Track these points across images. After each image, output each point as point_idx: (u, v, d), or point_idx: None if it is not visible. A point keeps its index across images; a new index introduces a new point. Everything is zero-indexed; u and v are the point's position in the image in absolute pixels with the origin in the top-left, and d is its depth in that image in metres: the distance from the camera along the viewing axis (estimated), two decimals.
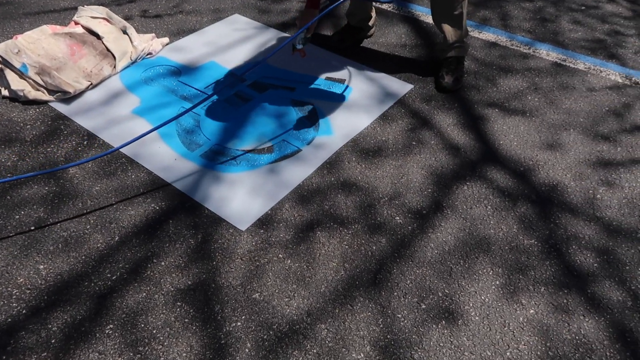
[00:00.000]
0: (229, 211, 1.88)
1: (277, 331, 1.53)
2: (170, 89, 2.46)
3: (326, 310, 1.59)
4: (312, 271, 1.70)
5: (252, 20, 3.05)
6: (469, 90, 2.56)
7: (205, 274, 1.68)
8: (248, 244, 1.78)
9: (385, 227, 1.86)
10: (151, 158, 2.08)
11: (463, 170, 2.11)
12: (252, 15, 3.10)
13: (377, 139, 2.24)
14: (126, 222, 1.83)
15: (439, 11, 2.43)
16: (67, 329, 1.52)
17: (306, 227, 1.84)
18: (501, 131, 2.32)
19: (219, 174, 2.03)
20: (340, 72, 2.63)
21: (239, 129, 2.25)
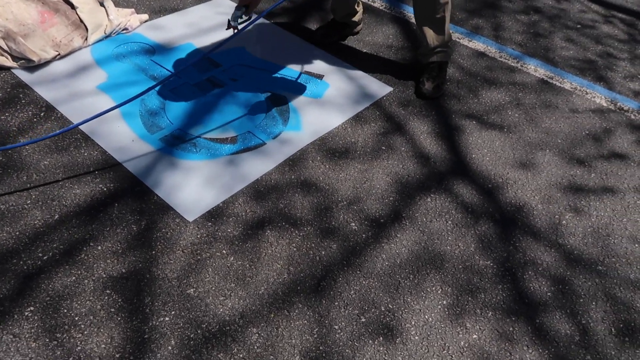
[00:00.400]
0: (178, 200, 1.81)
1: (205, 331, 1.46)
2: (141, 67, 2.38)
3: (261, 313, 1.52)
4: (254, 271, 1.63)
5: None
6: (449, 99, 2.48)
7: (141, 263, 1.60)
8: (192, 235, 1.70)
9: (338, 232, 1.79)
10: (108, 137, 2.01)
11: (429, 181, 2.04)
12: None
13: (346, 139, 2.17)
14: (69, 201, 1.75)
15: (421, 14, 2.35)
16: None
17: (256, 225, 1.77)
18: (475, 144, 2.24)
19: (175, 160, 1.95)
20: (320, 67, 2.55)
21: (205, 116, 2.17)
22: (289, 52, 2.62)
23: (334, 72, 2.53)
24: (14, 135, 1.95)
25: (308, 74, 2.49)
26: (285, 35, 2.75)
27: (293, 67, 2.52)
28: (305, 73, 2.49)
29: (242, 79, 2.39)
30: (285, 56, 2.59)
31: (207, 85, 2.34)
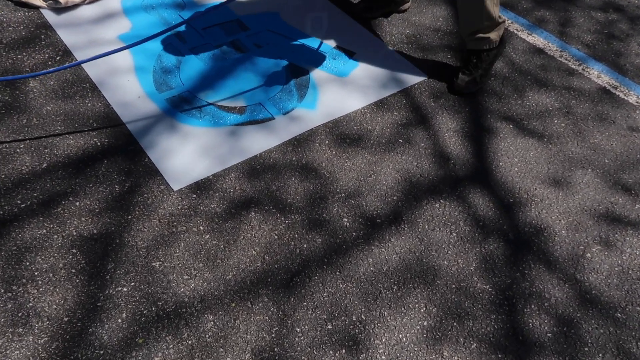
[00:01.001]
0: (168, 166, 1.73)
1: (160, 309, 1.39)
2: (167, 21, 2.29)
3: (222, 300, 1.43)
4: (227, 253, 1.54)
5: None
6: (489, 96, 2.24)
7: (114, 227, 1.55)
8: (173, 205, 1.63)
9: (327, 226, 1.66)
10: (115, 89, 1.95)
11: (443, 184, 1.85)
12: None
13: (362, 126, 2.00)
14: (60, 151, 1.72)
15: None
16: None
17: (242, 204, 1.67)
18: (506, 151, 2.01)
19: (176, 124, 1.87)
20: (353, 44, 2.36)
21: (218, 81, 2.06)
22: (324, 23, 2.45)
23: (367, 50, 2.34)
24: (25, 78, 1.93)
25: (339, 49, 2.31)
26: (324, 4, 2.57)
27: (324, 39, 2.35)
28: (336, 48, 2.32)
29: (267, 46, 2.26)
30: (319, 27, 2.42)
31: (230, 48, 2.22)
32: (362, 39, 2.40)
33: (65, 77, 1.96)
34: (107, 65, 2.03)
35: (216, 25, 2.32)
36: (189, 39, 2.22)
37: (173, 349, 1.32)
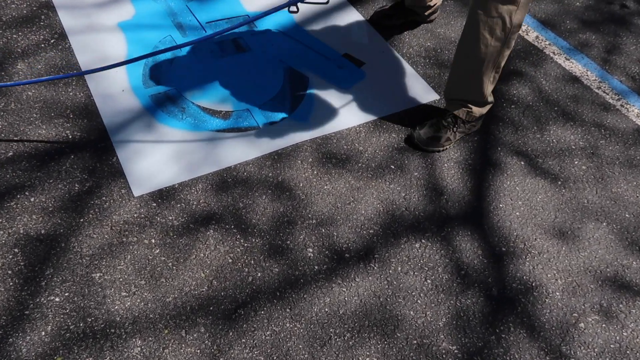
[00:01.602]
0: (134, 169, 1.64)
1: (88, 326, 1.31)
2: (172, 11, 2.20)
3: (156, 325, 1.33)
4: (173, 273, 1.44)
5: None
6: (504, 125, 2.02)
7: (63, 229, 1.48)
8: (129, 213, 1.54)
9: (288, 254, 1.52)
10: (101, 80, 1.88)
11: (429, 222, 1.67)
12: None
13: (354, 146, 1.84)
14: (30, 142, 1.66)
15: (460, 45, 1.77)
16: None
17: (202, 220, 1.56)
18: (511, 191, 1.80)
19: (154, 123, 1.78)
20: (364, 53, 2.19)
21: (210, 81, 1.95)
22: (338, 26, 2.28)
23: (378, 61, 2.16)
24: (14, 58, 1.89)
25: (348, 57, 2.15)
26: (342, 7, 2.40)
27: (333, 45, 2.19)
28: (344, 56, 2.16)
29: (270, 47, 2.12)
30: (330, 30, 2.26)
31: (230, 46, 2.11)
32: (375, 48, 2.23)
33: (55, 62, 1.90)
34: (99, 53, 1.96)
35: (222, 20, 2.20)
36: (190, 32, 2.12)
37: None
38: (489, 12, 1.59)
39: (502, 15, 1.58)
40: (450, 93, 1.85)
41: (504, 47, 1.67)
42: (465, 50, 1.73)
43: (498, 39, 1.64)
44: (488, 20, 1.61)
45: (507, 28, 1.61)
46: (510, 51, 1.71)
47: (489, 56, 1.68)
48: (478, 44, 1.66)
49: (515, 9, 1.58)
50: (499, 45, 1.66)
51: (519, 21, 1.62)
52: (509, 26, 1.61)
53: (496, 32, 1.62)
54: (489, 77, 1.75)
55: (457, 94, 1.82)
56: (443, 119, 1.86)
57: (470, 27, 1.68)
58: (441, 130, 1.84)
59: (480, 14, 1.61)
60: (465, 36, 1.71)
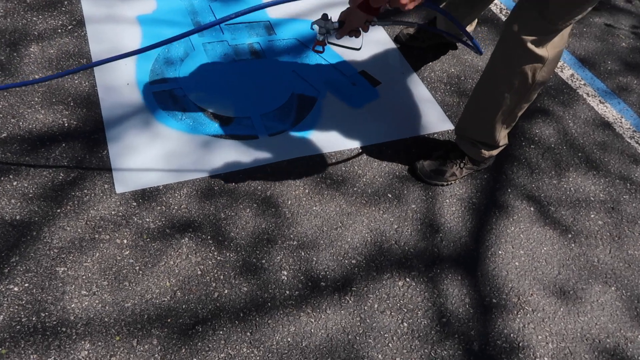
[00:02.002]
0: (122, 165, 1.61)
1: (40, 321, 1.27)
2: (193, 9, 2.17)
3: (108, 330, 1.29)
4: (138, 277, 1.39)
5: None
6: (519, 166, 1.89)
7: (39, 217, 1.45)
8: (107, 209, 1.50)
9: (261, 274, 1.45)
10: (108, 71, 1.86)
11: (418, 260, 1.56)
12: None
13: (352, 168, 1.76)
14: (25, 124, 1.66)
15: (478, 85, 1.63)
16: None
17: (180, 226, 1.51)
18: (514, 238, 1.67)
19: (152, 121, 1.75)
20: (382, 72, 2.10)
21: (218, 83, 1.91)
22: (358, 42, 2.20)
23: (395, 82, 2.07)
24: (29, 40, 1.90)
25: (363, 75, 2.07)
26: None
27: (352, 61, 2.12)
28: (360, 73, 2.07)
29: (285, 56, 2.07)
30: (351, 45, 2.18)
31: (246, 50, 2.06)
32: (394, 68, 2.14)
33: (67, 49, 1.91)
34: (111, 45, 1.95)
35: (242, 23, 2.17)
36: (207, 33, 2.09)
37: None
38: (511, 66, 1.45)
39: (524, 72, 1.44)
40: (461, 130, 1.73)
41: (523, 101, 1.53)
42: (481, 94, 1.61)
43: (517, 93, 1.50)
44: (508, 74, 1.47)
45: (529, 84, 1.47)
46: (529, 104, 1.58)
47: (505, 107, 1.54)
48: (494, 93, 1.53)
49: (540, 67, 1.43)
50: (516, 99, 1.52)
51: (543, 79, 1.47)
52: (531, 82, 1.46)
53: (515, 86, 1.48)
54: (503, 125, 1.61)
55: (468, 133, 1.70)
56: (451, 153, 1.75)
57: (488, 74, 1.55)
58: (447, 164, 1.73)
59: (501, 66, 1.48)
60: (483, 81, 1.58)
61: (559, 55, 1.45)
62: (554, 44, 1.40)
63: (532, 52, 1.40)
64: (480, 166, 1.78)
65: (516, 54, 1.43)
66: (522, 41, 1.39)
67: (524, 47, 1.40)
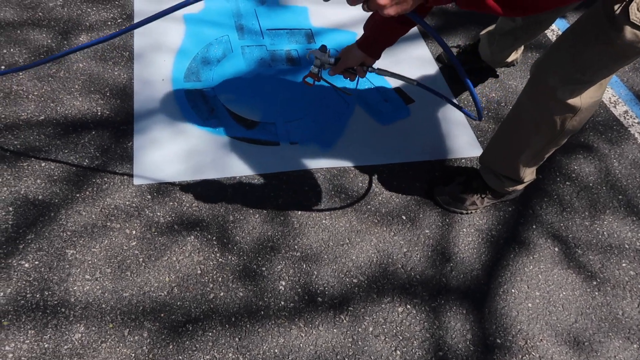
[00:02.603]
0: (143, 158, 1.66)
1: (43, 299, 1.33)
2: (239, 12, 2.22)
3: (103, 317, 1.33)
4: (140, 269, 1.43)
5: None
6: (550, 202, 1.78)
7: (58, 199, 1.53)
8: (123, 199, 1.55)
9: (259, 282, 1.45)
10: (146, 66, 1.93)
11: (423, 287, 1.51)
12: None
13: (369, 186, 1.72)
14: (62, 110, 1.74)
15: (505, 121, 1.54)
16: None
17: (188, 224, 1.54)
18: (530, 278, 1.58)
19: (179, 118, 1.79)
20: (418, 90, 2.05)
21: (249, 87, 1.93)
22: (400, 58, 2.17)
23: (429, 102, 2.02)
24: (80, 30, 2.01)
25: (397, 92, 2.03)
26: (412, 38, 2.28)
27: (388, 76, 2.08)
28: (394, 89, 2.04)
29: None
30: (391, 60, 2.15)
31: (282, 56, 2.08)
32: (431, 87, 2.08)
33: (114, 41, 1.99)
34: (154, 40, 2.02)
35: (283, 30, 2.19)
36: (247, 36, 2.12)
37: (27, 346, 1.26)
38: (538, 111, 1.35)
39: (553, 119, 1.33)
40: (485, 161, 1.65)
41: (551, 145, 1.43)
42: (507, 131, 1.51)
43: (544, 137, 1.40)
44: (537, 117, 1.36)
45: (557, 131, 1.36)
46: (558, 148, 1.47)
47: (531, 147, 1.45)
48: (520, 133, 1.44)
49: (571, 116, 1.31)
50: (544, 142, 1.42)
51: (574, 128, 1.35)
52: (559, 130, 1.35)
53: (542, 130, 1.38)
54: (528, 164, 1.52)
55: (492, 165, 1.62)
56: (473, 181, 1.68)
57: (515, 113, 1.45)
58: (467, 193, 1.66)
59: (528, 109, 1.38)
60: (510, 118, 1.49)
61: (595, 105, 1.32)
62: (590, 93, 1.27)
63: (562, 102, 1.28)
64: (504, 198, 1.70)
65: (544, 101, 1.31)
66: (552, 89, 1.27)
67: (553, 96, 1.28)
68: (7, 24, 1.96)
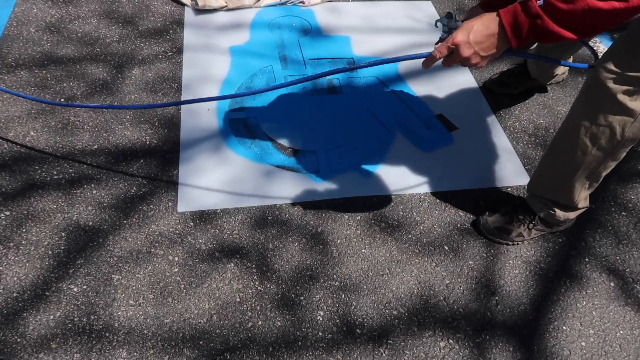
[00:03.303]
0: (188, 185, 1.71)
1: (89, 323, 1.38)
2: (283, 43, 2.27)
3: (145, 343, 1.35)
4: (181, 295, 1.45)
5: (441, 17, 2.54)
6: (603, 232, 1.69)
7: (107, 226, 1.59)
8: (167, 226, 1.60)
9: (297, 311, 1.44)
10: (193, 96, 2.00)
11: (466, 321, 1.45)
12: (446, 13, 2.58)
13: (411, 214, 1.70)
14: (114, 139, 1.83)
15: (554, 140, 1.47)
16: None
17: (228, 251, 1.56)
18: (584, 314, 1.49)
19: (223, 146, 1.84)
20: (461, 116, 2.02)
21: (291, 115, 1.97)
22: (442, 85, 2.15)
23: (474, 129, 1.98)
24: (133, 63, 2.11)
25: (440, 118, 2.00)
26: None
27: (432, 103, 2.06)
28: (437, 116, 2.01)
29: (363, 95, 2.07)
30: (433, 87, 2.13)
31: (324, 85, 2.10)
32: (475, 114, 2.04)
33: (163, 73, 2.09)
34: (202, 71, 2.10)
35: (325, 59, 2.22)
36: (290, 66, 2.17)
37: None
38: (595, 118, 1.28)
39: (611, 126, 1.26)
40: (534, 188, 1.58)
41: (609, 158, 1.35)
42: (559, 148, 1.44)
43: (602, 149, 1.32)
44: (592, 128, 1.29)
45: (617, 140, 1.28)
46: (617, 163, 1.40)
47: (587, 165, 1.37)
48: (575, 149, 1.36)
49: (631, 121, 1.24)
50: (601, 156, 1.34)
51: (634, 135, 1.27)
52: (619, 139, 1.28)
53: (601, 141, 1.30)
54: (584, 185, 1.44)
55: (541, 192, 1.56)
56: (520, 210, 1.62)
57: (568, 126, 1.38)
58: (514, 224, 1.60)
59: (583, 118, 1.31)
60: (562, 133, 1.42)
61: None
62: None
63: (622, 105, 1.22)
64: (553, 229, 1.62)
65: (603, 105, 1.25)
66: (611, 91, 1.22)
67: (612, 98, 1.22)
68: (67, 60, 2.09)
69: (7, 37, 2.15)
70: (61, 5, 2.34)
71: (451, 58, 1.14)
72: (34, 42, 2.15)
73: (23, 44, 2.13)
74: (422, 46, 2.31)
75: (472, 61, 1.12)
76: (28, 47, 2.13)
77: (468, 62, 1.12)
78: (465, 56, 1.10)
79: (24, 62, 2.06)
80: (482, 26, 1.08)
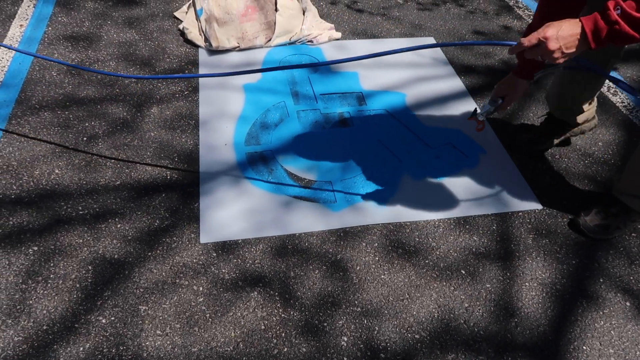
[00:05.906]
0: (209, 217, 1.76)
1: (118, 354, 1.40)
2: (293, 80, 2.37)
3: None
4: (207, 324, 1.48)
5: (443, 55, 2.65)
6: (617, 254, 1.73)
7: (132, 258, 1.63)
8: (190, 257, 1.64)
9: (321, 337, 1.47)
10: (211, 132, 2.08)
11: (487, 344, 1.48)
12: (449, 51, 2.69)
13: (426, 240, 1.74)
14: (136, 175, 1.89)
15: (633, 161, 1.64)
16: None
17: (251, 280, 1.59)
18: (602, 334, 1.51)
19: (241, 179, 1.90)
20: (474, 147, 2.09)
21: (305, 148, 2.04)
22: (446, 112, 2.23)
23: (483, 156, 2.05)
24: (151, 102, 2.20)
25: (456, 148, 2.07)
26: (460, 96, 2.35)
27: (440, 133, 2.14)
28: (448, 143, 2.08)
29: (374, 127, 2.15)
30: (439, 114, 2.21)
31: (336, 119, 2.19)
32: (488, 143, 2.12)
33: (181, 111, 2.17)
34: (218, 108, 2.19)
35: (335, 94, 2.31)
36: (302, 101, 2.26)
37: None
38: None
39: None
40: (627, 187, 1.69)
41: None
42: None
43: None
44: None
45: None
46: None
47: None
48: None
49: None
50: None
51: None
52: None
53: None
54: None
55: (635, 190, 1.67)
56: (611, 207, 1.75)
57: None
58: (609, 218, 1.74)
59: None
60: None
61: None
62: None
63: None
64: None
65: None
66: None
67: None
68: (88, 100, 2.18)
69: (31, 80, 2.25)
70: (81, 50, 2.45)
71: (536, 49, 1.25)
72: (56, 85, 2.24)
73: (46, 87, 2.23)
74: (427, 80, 2.41)
75: (554, 55, 1.23)
76: (50, 89, 2.22)
77: (551, 55, 1.23)
78: (551, 49, 1.21)
79: (47, 103, 2.15)
80: (568, 27, 1.21)
